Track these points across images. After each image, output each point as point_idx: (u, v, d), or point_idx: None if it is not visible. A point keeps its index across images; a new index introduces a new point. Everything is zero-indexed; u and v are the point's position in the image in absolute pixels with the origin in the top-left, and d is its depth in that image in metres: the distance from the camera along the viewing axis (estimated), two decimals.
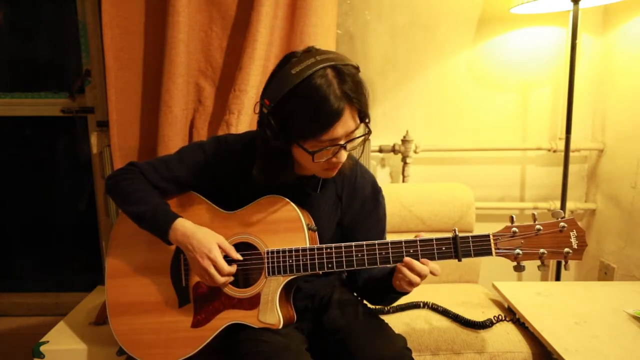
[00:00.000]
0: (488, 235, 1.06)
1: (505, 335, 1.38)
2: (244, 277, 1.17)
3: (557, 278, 1.92)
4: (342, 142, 1.01)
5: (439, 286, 1.77)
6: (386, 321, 1.23)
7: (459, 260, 1.06)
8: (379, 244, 1.08)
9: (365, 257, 1.09)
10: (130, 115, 1.77)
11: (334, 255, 1.10)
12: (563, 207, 1.85)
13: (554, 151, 1.98)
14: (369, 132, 1.07)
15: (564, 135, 1.83)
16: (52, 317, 2.06)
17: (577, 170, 2.06)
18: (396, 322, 1.44)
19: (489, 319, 1.42)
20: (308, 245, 1.11)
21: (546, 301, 1.46)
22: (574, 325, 1.30)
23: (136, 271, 1.25)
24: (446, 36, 1.97)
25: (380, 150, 1.99)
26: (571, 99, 1.77)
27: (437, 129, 2.04)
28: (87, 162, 2.12)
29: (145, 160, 1.25)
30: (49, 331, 1.55)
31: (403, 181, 2.01)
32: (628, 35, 1.82)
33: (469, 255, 1.06)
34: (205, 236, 1.11)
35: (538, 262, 1.07)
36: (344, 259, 1.09)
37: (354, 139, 1.04)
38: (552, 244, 1.05)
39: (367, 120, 1.04)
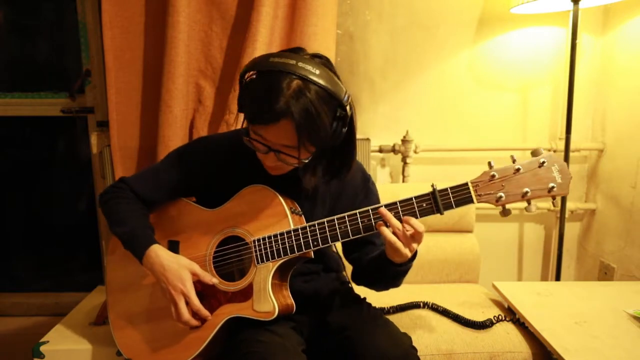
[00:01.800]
0: (466, 183, 1.03)
1: (505, 335, 1.38)
2: (239, 271, 1.17)
3: (557, 278, 1.92)
4: (271, 147, 1.01)
5: (439, 286, 1.77)
6: (390, 320, 1.23)
7: (441, 213, 1.04)
8: (360, 212, 1.07)
9: (349, 227, 1.08)
10: (130, 115, 1.77)
11: (317, 231, 1.09)
12: (563, 207, 1.85)
13: (554, 151, 1.98)
14: (300, 163, 1.03)
15: (564, 135, 1.83)
16: (52, 317, 2.06)
17: (577, 170, 2.06)
18: (396, 322, 1.42)
19: (489, 319, 1.42)
20: (292, 227, 1.11)
21: (546, 301, 1.46)
22: (574, 325, 1.30)
23: (134, 281, 1.26)
24: (446, 36, 1.97)
25: (380, 150, 1.99)
26: (571, 99, 1.77)
27: (437, 129, 2.04)
28: (87, 162, 2.11)
29: (135, 173, 1.28)
30: (49, 331, 1.54)
31: (403, 181, 2.01)
32: (628, 35, 1.82)
33: (450, 207, 1.04)
34: (180, 268, 1.12)
35: (525, 204, 1.02)
36: (328, 233, 1.09)
37: (284, 153, 1.01)
38: (535, 181, 1.00)
39: (312, 147, 1.01)
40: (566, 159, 1.81)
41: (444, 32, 1.97)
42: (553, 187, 0.99)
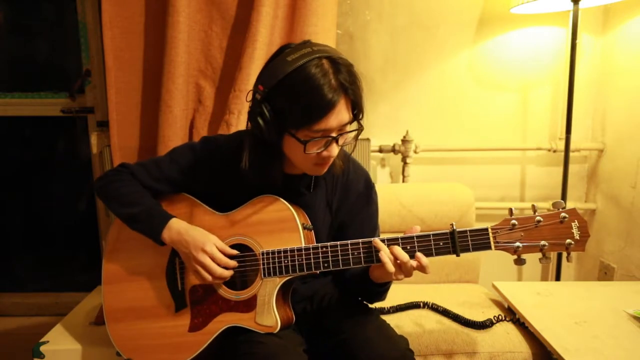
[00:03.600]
0: (486, 229, 1.03)
1: (505, 335, 1.38)
2: (241, 279, 1.16)
3: (557, 278, 1.92)
4: (334, 135, 1.01)
5: (439, 286, 1.77)
6: (386, 321, 1.23)
7: (457, 255, 1.04)
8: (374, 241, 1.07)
9: (362, 254, 1.07)
10: (130, 115, 1.77)
11: (329, 254, 1.08)
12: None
13: (554, 151, 1.98)
14: (361, 128, 1.06)
15: (564, 135, 1.83)
16: (52, 317, 2.07)
17: (577, 170, 2.06)
18: (396, 322, 1.44)
19: (489, 319, 1.42)
20: (303, 245, 1.10)
21: (546, 301, 1.46)
22: (574, 325, 1.30)
23: (132, 276, 1.24)
24: (446, 36, 1.97)
25: (380, 150, 1.99)
26: (571, 99, 1.77)
27: (437, 129, 2.04)
28: (87, 162, 2.12)
29: (136, 162, 1.25)
30: (49, 331, 1.55)
31: (403, 181, 2.01)
32: (628, 35, 1.82)
33: (467, 250, 1.03)
34: (201, 233, 1.12)
35: (539, 255, 1.04)
36: (340, 257, 1.08)
37: (346, 132, 1.03)
38: (553, 236, 1.02)
39: (360, 116, 1.04)
40: (566, 159, 1.81)
41: (444, 32, 1.97)
42: (570, 244, 1.01)
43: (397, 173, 2.07)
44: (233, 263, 1.11)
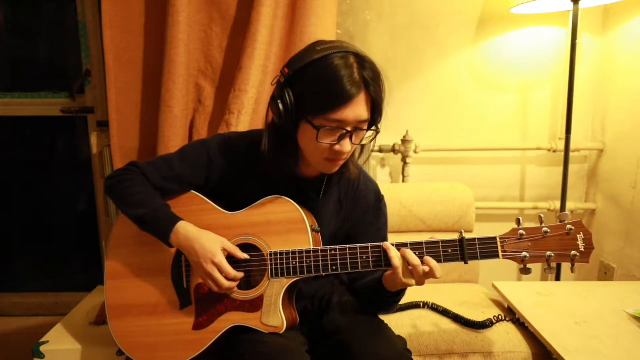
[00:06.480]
0: (495, 238, 1.05)
1: (505, 335, 1.38)
2: (246, 278, 1.15)
3: (557, 278, 1.92)
4: (349, 129, 1.01)
5: (439, 286, 1.77)
6: (386, 321, 1.23)
7: (465, 262, 1.06)
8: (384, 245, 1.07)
9: (371, 259, 1.07)
10: (130, 115, 1.77)
11: (338, 257, 1.08)
12: (563, 207, 1.85)
13: (554, 151, 1.98)
14: (378, 131, 1.07)
15: (564, 135, 1.83)
16: (52, 317, 2.06)
17: (577, 170, 2.06)
18: (396, 322, 1.44)
19: (489, 319, 1.42)
20: (312, 247, 1.10)
21: (546, 301, 1.46)
22: (574, 325, 1.30)
23: (136, 272, 1.24)
24: (446, 36, 1.97)
25: (380, 150, 1.99)
26: (571, 99, 1.77)
27: (437, 129, 2.04)
28: (87, 162, 2.12)
29: (147, 160, 1.24)
30: (49, 331, 1.55)
31: (403, 181, 2.01)
32: (628, 35, 1.82)
33: (475, 258, 1.06)
34: (209, 240, 1.10)
35: (544, 265, 1.06)
36: (348, 261, 1.08)
37: (362, 130, 1.04)
38: (559, 247, 1.04)
39: (379, 120, 1.05)
40: (566, 159, 1.81)
41: (444, 32, 1.97)
42: (576, 256, 1.04)
43: (397, 173, 2.07)
44: (240, 275, 1.11)
